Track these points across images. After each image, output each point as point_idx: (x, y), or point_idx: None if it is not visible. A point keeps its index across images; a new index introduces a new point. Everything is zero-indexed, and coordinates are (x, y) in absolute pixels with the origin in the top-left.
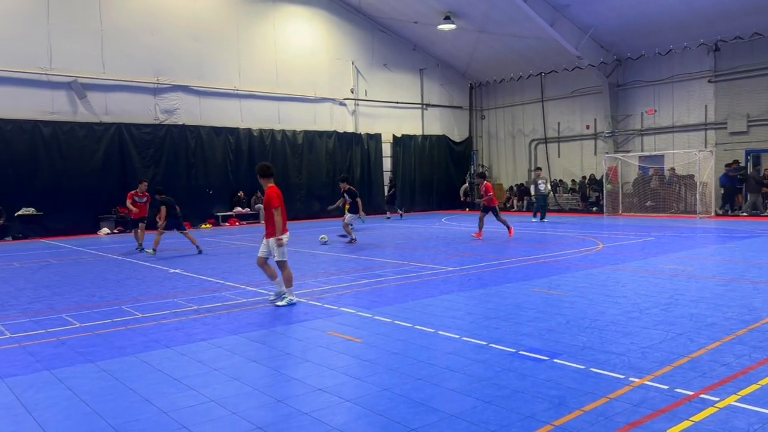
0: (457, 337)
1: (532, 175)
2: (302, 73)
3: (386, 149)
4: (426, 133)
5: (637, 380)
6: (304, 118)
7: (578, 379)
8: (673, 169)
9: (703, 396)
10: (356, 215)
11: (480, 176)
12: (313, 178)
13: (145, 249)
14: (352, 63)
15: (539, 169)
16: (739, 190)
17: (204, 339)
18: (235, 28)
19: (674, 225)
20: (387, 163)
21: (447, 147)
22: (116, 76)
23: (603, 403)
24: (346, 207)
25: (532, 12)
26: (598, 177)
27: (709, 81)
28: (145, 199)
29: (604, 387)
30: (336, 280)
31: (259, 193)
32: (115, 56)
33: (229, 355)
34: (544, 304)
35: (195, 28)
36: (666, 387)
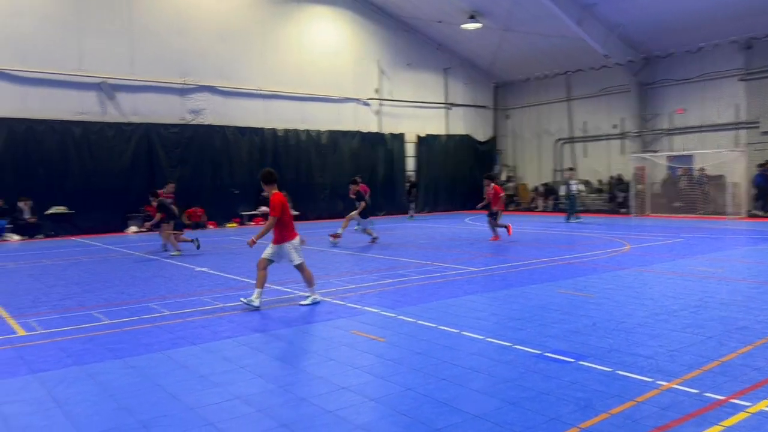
0: (481, 337)
1: (564, 176)
2: (326, 74)
3: (410, 149)
4: (450, 133)
5: (665, 384)
6: (328, 118)
7: (605, 381)
8: (702, 170)
9: (734, 401)
10: (366, 218)
11: (488, 178)
12: (336, 178)
13: (169, 251)
14: (377, 63)
15: (572, 169)
16: None
17: (229, 337)
18: (261, 28)
19: (703, 226)
20: (410, 163)
21: (471, 147)
22: (144, 76)
23: (630, 407)
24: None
25: (559, 10)
26: (625, 177)
27: (740, 79)
28: (170, 200)
29: (631, 390)
30: (359, 280)
31: (284, 192)
32: (143, 57)
33: (254, 352)
34: (569, 306)
35: (221, 29)
36: (695, 391)
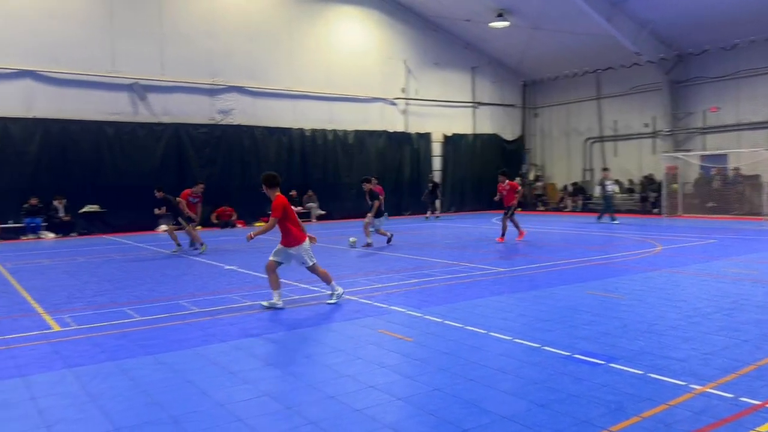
0: (509, 338)
1: (599, 176)
2: (354, 73)
3: (436, 148)
4: (477, 132)
5: (698, 387)
6: (354, 117)
7: (636, 384)
8: (737, 169)
9: None
10: (379, 218)
11: (503, 174)
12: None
13: (197, 248)
14: (404, 62)
15: (607, 169)
16: None
17: (258, 334)
18: (289, 29)
19: (738, 227)
20: (437, 163)
21: (498, 146)
22: (174, 77)
23: (662, 410)
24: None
25: (589, 8)
26: (657, 177)
27: None
28: (197, 199)
29: (663, 393)
30: (386, 279)
31: (311, 192)
32: (173, 58)
33: (282, 350)
34: (599, 307)
35: (250, 29)
36: (730, 395)
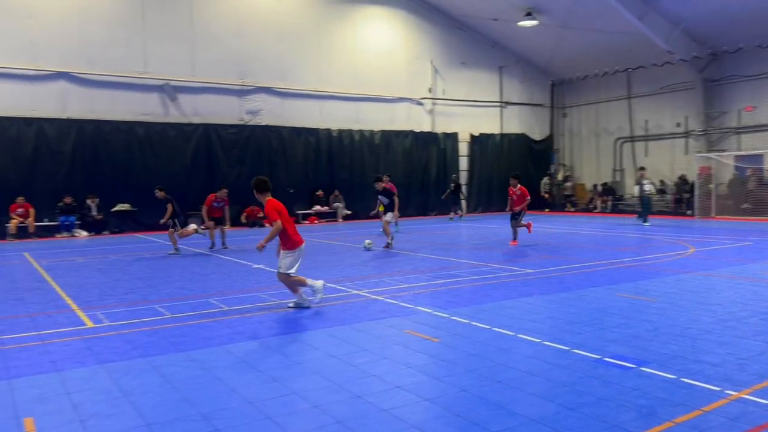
0: (537, 341)
1: (632, 176)
2: (380, 74)
3: (463, 148)
4: (504, 132)
5: (734, 393)
6: (381, 118)
7: (668, 389)
8: None
9: None
10: (387, 214)
11: (515, 177)
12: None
13: (223, 246)
14: (430, 62)
15: (643, 168)
16: None
17: (285, 333)
18: (316, 29)
19: None
20: (463, 163)
21: (526, 146)
22: (204, 78)
23: (696, 416)
24: (380, 208)
25: (620, 5)
26: (689, 177)
27: None
28: (222, 203)
29: (697, 399)
30: (412, 279)
31: (337, 192)
32: (203, 59)
33: (309, 349)
34: (630, 310)
35: (278, 30)
36: (767, 402)
